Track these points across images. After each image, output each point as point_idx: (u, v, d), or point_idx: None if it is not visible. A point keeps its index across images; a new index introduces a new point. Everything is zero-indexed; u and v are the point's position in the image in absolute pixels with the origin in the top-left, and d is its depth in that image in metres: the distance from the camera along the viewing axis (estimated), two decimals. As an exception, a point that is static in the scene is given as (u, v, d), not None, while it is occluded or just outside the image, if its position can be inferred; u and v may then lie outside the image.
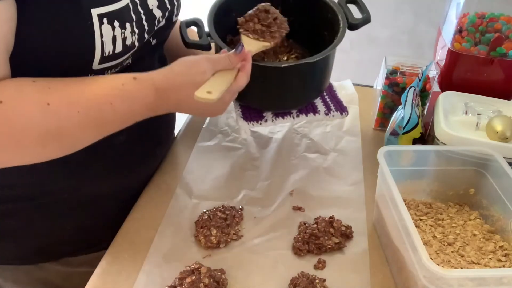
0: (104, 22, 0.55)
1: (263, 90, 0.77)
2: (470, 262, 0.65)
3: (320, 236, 0.70)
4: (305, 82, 0.79)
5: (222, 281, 0.63)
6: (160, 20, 0.67)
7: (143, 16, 0.63)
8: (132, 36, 0.60)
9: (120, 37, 0.58)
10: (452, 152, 0.74)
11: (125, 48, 0.60)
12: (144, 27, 0.63)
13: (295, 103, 0.83)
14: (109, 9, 0.56)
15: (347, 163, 0.89)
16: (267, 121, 0.83)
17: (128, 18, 0.59)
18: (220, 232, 0.71)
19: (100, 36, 0.55)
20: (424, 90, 0.93)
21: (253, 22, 0.77)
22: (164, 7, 0.67)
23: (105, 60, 0.58)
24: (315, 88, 0.82)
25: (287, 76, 0.75)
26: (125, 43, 0.59)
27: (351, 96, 1.10)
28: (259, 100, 0.81)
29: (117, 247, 0.71)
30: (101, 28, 0.55)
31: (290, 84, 0.77)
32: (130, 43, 0.60)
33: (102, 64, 0.58)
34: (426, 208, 0.75)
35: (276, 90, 0.78)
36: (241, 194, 0.81)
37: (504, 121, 0.76)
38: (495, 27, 0.90)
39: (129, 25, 0.59)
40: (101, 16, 0.55)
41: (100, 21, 0.55)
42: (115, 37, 0.57)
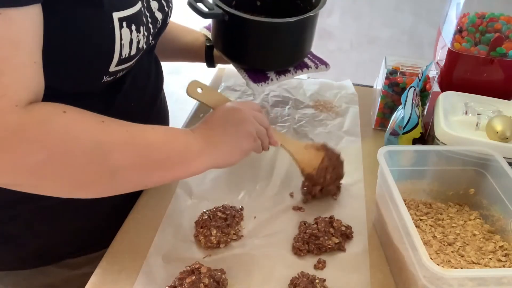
0: (123, 26, 0.57)
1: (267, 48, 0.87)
2: (470, 262, 0.65)
3: (320, 236, 0.70)
4: (302, 39, 0.88)
5: (222, 281, 0.63)
6: (160, 22, 0.69)
7: (149, 19, 0.65)
8: (143, 39, 0.62)
9: (136, 40, 0.60)
10: (452, 152, 0.74)
11: (138, 50, 0.61)
12: (150, 30, 0.65)
13: (293, 59, 0.91)
14: (127, 13, 0.57)
15: (347, 163, 0.89)
16: (273, 80, 0.91)
17: (141, 22, 0.61)
18: (220, 232, 0.71)
19: (120, 40, 0.57)
20: (424, 90, 0.93)
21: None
22: (163, 9, 0.69)
23: (120, 63, 0.59)
24: (308, 44, 0.91)
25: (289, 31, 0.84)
26: (138, 46, 0.61)
27: (351, 96, 1.10)
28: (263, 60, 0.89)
29: (117, 247, 0.71)
30: (121, 31, 0.57)
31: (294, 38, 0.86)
32: (142, 46, 0.62)
33: (117, 66, 0.59)
34: (426, 208, 0.75)
35: (279, 47, 0.87)
36: (241, 194, 0.81)
37: (504, 121, 0.76)
38: (495, 27, 0.90)
39: (142, 28, 0.61)
40: (121, 20, 0.56)
41: (120, 25, 0.56)
42: (131, 40, 0.58)
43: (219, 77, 1.16)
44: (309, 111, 1.04)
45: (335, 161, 0.80)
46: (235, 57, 0.90)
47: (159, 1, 0.68)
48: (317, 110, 1.05)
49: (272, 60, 0.90)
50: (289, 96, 1.09)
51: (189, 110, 1.06)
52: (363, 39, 2.41)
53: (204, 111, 1.03)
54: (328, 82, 1.15)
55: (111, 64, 0.58)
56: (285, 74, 0.92)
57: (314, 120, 1.02)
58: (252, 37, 0.85)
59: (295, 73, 0.93)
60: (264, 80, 0.90)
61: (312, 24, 0.88)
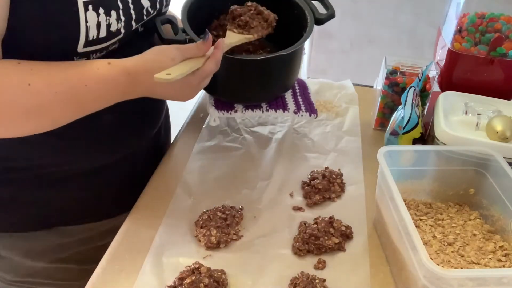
0: (89, 9, 0.59)
1: (233, 83, 0.83)
2: (470, 262, 0.65)
3: (320, 236, 0.70)
4: (275, 75, 0.83)
5: (222, 281, 0.63)
6: (149, 10, 0.70)
7: (131, 5, 0.67)
8: (118, 23, 0.64)
9: (105, 23, 0.62)
10: (452, 152, 0.74)
11: (110, 33, 0.64)
12: (131, 15, 0.67)
13: (263, 97, 0.87)
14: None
15: (347, 163, 0.89)
16: (237, 112, 0.87)
17: (114, 6, 0.63)
18: (220, 232, 0.71)
19: (85, 22, 0.59)
20: (424, 90, 0.93)
21: (237, 19, 0.81)
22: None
23: (89, 44, 0.62)
24: (283, 82, 0.86)
25: (261, 68, 0.80)
26: (109, 29, 0.63)
27: (351, 96, 1.10)
28: (229, 94, 0.86)
29: (117, 247, 0.71)
30: (86, 14, 0.59)
31: (262, 76, 0.82)
32: (115, 30, 0.64)
33: (86, 48, 0.62)
34: (426, 208, 0.75)
35: (246, 82, 0.83)
36: (241, 194, 0.81)
37: (504, 121, 0.76)
38: (495, 27, 0.90)
39: (114, 12, 0.63)
40: (86, 3, 0.59)
41: (85, 8, 0.59)
42: (99, 23, 0.61)
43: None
44: (309, 111, 1.04)
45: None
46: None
47: None
48: (317, 110, 1.05)
49: (236, 94, 0.86)
50: (289, 96, 1.09)
51: (189, 110, 1.06)
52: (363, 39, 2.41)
53: (205, 111, 1.03)
54: (328, 82, 1.15)
55: (78, 45, 0.61)
56: (254, 109, 0.88)
57: (314, 120, 1.02)
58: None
59: (266, 112, 0.88)
60: (227, 110, 0.87)
61: (284, 64, 0.82)
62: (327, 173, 0.83)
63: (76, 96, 0.60)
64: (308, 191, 0.81)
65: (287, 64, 0.83)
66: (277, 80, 0.85)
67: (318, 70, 2.57)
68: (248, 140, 0.95)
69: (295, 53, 0.81)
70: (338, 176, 0.84)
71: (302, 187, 0.83)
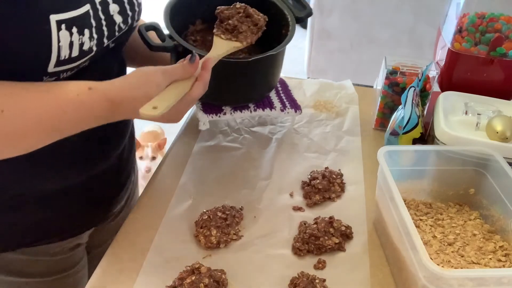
0: (62, 28, 0.56)
1: (221, 85, 0.79)
2: (470, 262, 0.65)
3: (320, 236, 0.70)
4: (261, 76, 0.83)
5: (222, 281, 0.63)
6: (121, 26, 0.68)
7: (104, 21, 0.64)
8: (91, 42, 0.61)
9: (78, 42, 0.59)
10: (452, 152, 0.74)
11: (82, 52, 0.61)
12: (103, 32, 0.64)
13: (252, 97, 0.87)
14: (69, 15, 0.57)
15: (347, 163, 0.89)
16: (226, 114, 0.87)
17: (87, 25, 0.60)
18: (220, 232, 0.71)
19: (57, 42, 0.56)
20: (424, 90, 0.93)
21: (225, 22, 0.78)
22: (125, 13, 0.68)
23: (60, 64, 0.59)
24: (270, 81, 0.87)
25: (251, 68, 0.79)
26: (82, 48, 0.60)
27: (351, 96, 1.10)
28: (217, 96, 0.83)
29: (117, 247, 0.71)
30: (58, 33, 0.56)
31: (252, 77, 0.82)
32: (88, 48, 0.61)
33: (57, 68, 0.59)
34: (426, 208, 0.75)
35: (236, 84, 0.82)
36: (241, 194, 0.81)
37: (504, 121, 0.76)
38: (495, 27, 0.90)
39: (87, 31, 0.60)
40: (60, 23, 0.56)
41: (58, 27, 0.56)
42: (72, 42, 0.58)
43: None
44: (309, 111, 1.05)
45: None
46: None
47: (121, 5, 0.66)
48: (317, 110, 1.05)
49: (224, 96, 0.85)
50: (289, 96, 1.09)
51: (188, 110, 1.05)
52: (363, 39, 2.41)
53: (204, 111, 1.03)
54: (328, 82, 1.15)
55: (49, 65, 0.58)
56: (242, 110, 0.88)
57: (314, 120, 1.02)
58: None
59: (254, 111, 0.89)
60: (215, 113, 0.86)
61: (271, 64, 0.83)
62: (327, 173, 0.83)
63: (53, 123, 0.58)
64: (308, 191, 0.81)
65: (274, 63, 0.84)
66: (266, 79, 0.85)
67: (318, 70, 2.57)
68: (248, 140, 0.95)
69: (282, 52, 0.82)
70: (338, 176, 0.84)
71: (302, 187, 0.83)
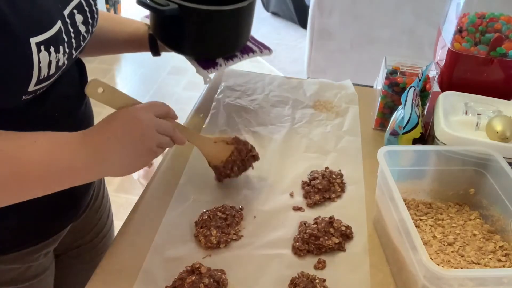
0: (41, 50, 0.56)
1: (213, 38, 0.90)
2: (470, 262, 0.65)
3: (320, 236, 0.70)
4: (246, 23, 0.92)
5: (222, 281, 0.63)
6: (85, 35, 0.68)
7: (72, 34, 0.64)
8: (64, 57, 0.61)
9: (55, 60, 0.59)
10: (452, 152, 0.74)
11: (58, 69, 0.61)
12: (73, 44, 0.64)
13: (239, 45, 0.95)
14: (45, 36, 0.57)
15: (347, 163, 0.89)
16: (221, 65, 0.94)
17: (61, 41, 0.60)
18: (220, 232, 0.71)
19: (38, 63, 0.56)
20: (424, 90, 0.93)
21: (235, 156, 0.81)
22: (87, 21, 0.68)
23: (39, 83, 0.59)
24: (249, 28, 0.95)
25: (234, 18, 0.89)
26: (58, 64, 0.60)
27: (351, 96, 1.10)
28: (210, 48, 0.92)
29: (117, 247, 0.71)
30: (39, 55, 0.56)
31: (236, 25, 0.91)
32: (62, 63, 0.61)
33: (36, 86, 0.59)
34: (426, 208, 0.75)
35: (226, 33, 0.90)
36: (241, 194, 0.81)
37: (504, 121, 0.76)
38: (495, 27, 0.90)
39: (61, 47, 0.60)
40: (39, 44, 0.56)
41: (38, 49, 0.56)
42: (50, 61, 0.58)
43: (219, 77, 1.16)
44: (309, 111, 1.05)
45: (244, 155, 0.81)
46: (178, 48, 0.91)
47: (84, 14, 0.67)
48: (317, 110, 1.05)
49: (216, 48, 0.92)
50: (289, 96, 1.09)
51: (189, 110, 1.06)
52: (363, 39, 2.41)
53: (205, 111, 1.03)
54: (328, 82, 1.15)
55: (30, 85, 0.58)
56: (233, 59, 0.96)
57: (314, 120, 1.02)
58: (194, 26, 0.87)
59: (242, 57, 0.97)
60: (213, 66, 0.93)
61: (252, 10, 0.92)
62: (327, 173, 0.83)
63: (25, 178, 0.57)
64: (308, 191, 0.81)
65: (252, 11, 0.93)
66: (248, 26, 0.94)
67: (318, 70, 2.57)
68: (248, 140, 0.94)
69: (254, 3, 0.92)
70: (338, 176, 0.84)
71: (302, 187, 0.83)
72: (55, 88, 0.65)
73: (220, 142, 0.80)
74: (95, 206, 0.90)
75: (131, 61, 3.20)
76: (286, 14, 3.75)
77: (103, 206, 0.94)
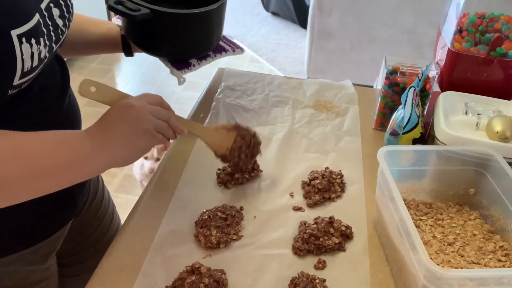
0: (23, 42, 0.57)
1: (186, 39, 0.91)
2: (470, 262, 0.65)
3: (320, 236, 0.70)
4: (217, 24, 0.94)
5: (222, 281, 0.63)
6: (62, 29, 0.69)
7: (51, 27, 0.65)
8: (45, 49, 0.62)
9: (37, 52, 0.60)
10: (452, 152, 0.74)
11: (40, 61, 0.62)
12: (52, 37, 0.65)
13: (209, 45, 0.96)
14: (25, 28, 0.58)
15: (347, 163, 0.89)
16: (195, 66, 0.96)
17: (41, 33, 0.61)
18: (220, 232, 0.71)
19: (21, 55, 0.57)
20: (424, 90, 0.93)
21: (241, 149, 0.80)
22: (63, 15, 0.69)
23: (24, 76, 0.60)
24: (221, 29, 0.97)
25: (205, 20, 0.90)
26: (40, 57, 0.61)
27: (351, 96, 1.10)
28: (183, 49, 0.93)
29: (117, 247, 0.71)
30: (21, 47, 0.57)
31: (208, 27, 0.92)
32: (43, 56, 0.62)
33: (21, 79, 0.60)
34: (426, 208, 0.75)
35: (197, 34, 0.91)
36: (241, 194, 0.81)
37: (504, 121, 0.76)
38: (495, 27, 0.90)
39: (42, 39, 0.61)
40: (20, 36, 0.57)
41: (20, 41, 0.57)
42: (33, 53, 0.59)
43: (219, 76, 1.16)
44: (309, 111, 1.05)
45: (249, 140, 0.80)
46: (151, 50, 0.92)
47: (60, 8, 0.68)
48: (317, 110, 1.05)
49: (189, 49, 0.94)
50: (289, 96, 1.09)
51: (189, 110, 1.06)
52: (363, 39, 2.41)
53: (205, 111, 1.03)
54: (328, 82, 1.15)
55: (15, 79, 0.58)
56: (206, 58, 0.97)
57: (314, 120, 1.02)
58: (166, 29, 0.88)
59: (215, 57, 0.99)
60: (187, 67, 0.94)
61: (222, 11, 0.93)
62: (327, 173, 0.83)
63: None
64: (308, 191, 0.81)
65: (223, 13, 0.94)
66: (218, 28, 0.96)
67: (318, 70, 2.57)
68: (248, 140, 0.95)
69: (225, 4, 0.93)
70: (338, 176, 0.84)
71: (302, 187, 0.83)
72: (38, 81, 0.66)
73: (220, 129, 0.79)
74: (94, 206, 0.90)
75: (131, 61, 3.20)
76: (286, 14, 3.75)
77: (104, 208, 0.94)
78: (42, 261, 0.78)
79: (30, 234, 0.75)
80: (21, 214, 0.71)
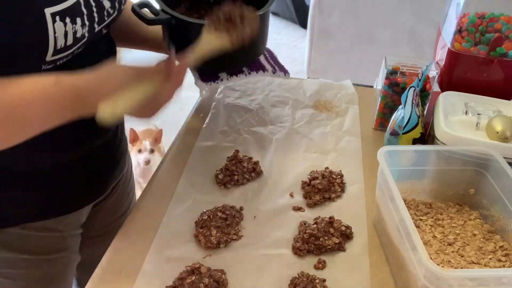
0: (56, 20, 0.59)
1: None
2: (470, 262, 0.65)
3: (320, 237, 0.70)
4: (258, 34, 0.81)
5: (222, 281, 0.63)
6: (109, 11, 0.70)
7: (94, 8, 0.66)
8: (83, 29, 0.64)
9: (71, 31, 0.61)
10: (452, 152, 0.74)
11: (76, 40, 0.63)
12: (94, 18, 0.66)
13: (246, 59, 0.90)
14: (61, 7, 0.59)
15: (347, 163, 0.89)
16: (223, 80, 0.90)
17: (78, 13, 0.62)
18: (220, 232, 0.71)
19: (54, 33, 0.59)
20: (424, 90, 0.93)
21: (219, 19, 0.75)
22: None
23: (57, 53, 0.61)
24: (263, 41, 0.89)
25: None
26: (75, 36, 0.63)
27: (351, 96, 1.10)
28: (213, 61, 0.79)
29: (117, 247, 0.71)
30: (54, 25, 0.58)
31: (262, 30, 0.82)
32: (80, 35, 0.64)
33: (54, 56, 0.61)
34: (426, 208, 0.75)
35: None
36: (241, 194, 0.81)
37: (504, 121, 0.76)
38: (495, 27, 0.90)
39: (79, 19, 0.63)
40: (54, 15, 0.58)
41: (53, 19, 0.58)
42: (66, 32, 0.60)
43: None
44: (309, 111, 1.05)
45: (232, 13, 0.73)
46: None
47: None
48: (317, 110, 1.05)
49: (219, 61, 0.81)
50: (289, 96, 1.09)
51: (189, 110, 1.06)
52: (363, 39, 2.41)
53: (205, 111, 1.03)
54: (328, 82, 1.15)
55: (47, 55, 0.60)
56: (238, 74, 0.92)
57: (314, 120, 1.02)
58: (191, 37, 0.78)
59: (249, 74, 0.93)
60: (213, 80, 0.90)
61: (264, 22, 0.85)
62: (327, 173, 0.83)
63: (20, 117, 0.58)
64: (308, 191, 0.81)
65: (265, 23, 0.85)
66: (257, 41, 0.85)
67: (318, 70, 2.57)
68: (248, 140, 0.95)
69: (268, 12, 0.85)
70: (338, 176, 0.84)
71: (302, 187, 0.83)
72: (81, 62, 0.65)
73: (207, 33, 0.72)
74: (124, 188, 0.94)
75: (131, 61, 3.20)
76: (286, 14, 3.75)
77: (131, 187, 0.98)
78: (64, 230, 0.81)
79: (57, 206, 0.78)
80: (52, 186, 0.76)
